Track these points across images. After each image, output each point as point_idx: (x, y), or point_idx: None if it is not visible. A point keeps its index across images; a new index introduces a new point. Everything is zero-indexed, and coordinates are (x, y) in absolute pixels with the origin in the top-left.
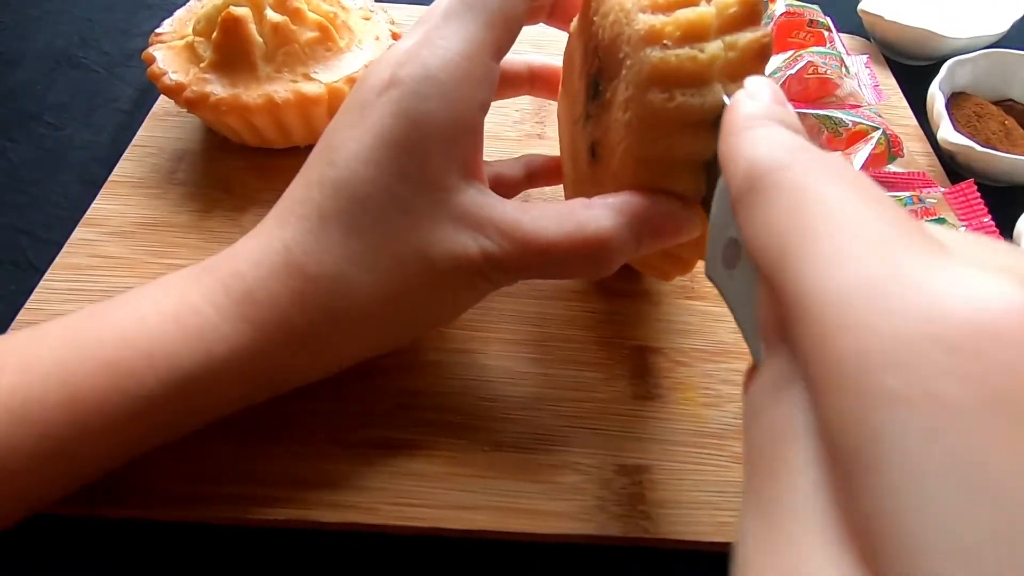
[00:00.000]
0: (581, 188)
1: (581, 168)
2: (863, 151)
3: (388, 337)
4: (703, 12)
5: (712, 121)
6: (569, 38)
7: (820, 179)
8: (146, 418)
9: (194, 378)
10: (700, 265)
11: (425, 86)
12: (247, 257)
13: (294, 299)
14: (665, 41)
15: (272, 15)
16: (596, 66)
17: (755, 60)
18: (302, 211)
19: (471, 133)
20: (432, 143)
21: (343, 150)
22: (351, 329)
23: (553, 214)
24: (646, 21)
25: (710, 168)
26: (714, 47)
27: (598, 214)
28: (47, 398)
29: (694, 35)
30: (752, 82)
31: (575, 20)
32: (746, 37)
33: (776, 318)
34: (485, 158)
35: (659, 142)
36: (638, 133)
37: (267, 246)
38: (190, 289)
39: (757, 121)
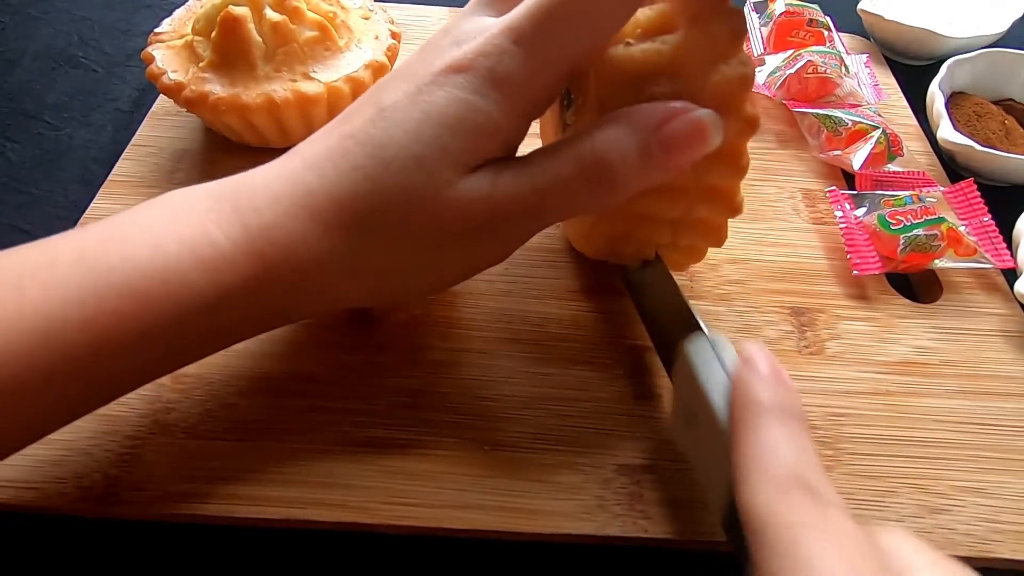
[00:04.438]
0: None
1: None
2: (863, 150)
3: (393, 286)
4: (661, 8)
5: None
6: None
7: (811, 544)
8: (158, 342)
9: (207, 307)
10: (699, 264)
11: (488, 88)
12: (268, 192)
13: (310, 243)
14: (628, 40)
15: (271, 14)
16: None
17: (740, 88)
18: (332, 159)
19: (513, 145)
20: (478, 138)
21: (387, 120)
22: (360, 278)
23: (559, 143)
24: None
25: None
26: (675, 38)
27: (599, 126)
28: (68, 321)
29: (655, 30)
30: (751, 351)
31: None
32: (730, 70)
33: None
34: None
35: None
36: None
37: (292, 186)
38: (207, 219)
39: (759, 418)
